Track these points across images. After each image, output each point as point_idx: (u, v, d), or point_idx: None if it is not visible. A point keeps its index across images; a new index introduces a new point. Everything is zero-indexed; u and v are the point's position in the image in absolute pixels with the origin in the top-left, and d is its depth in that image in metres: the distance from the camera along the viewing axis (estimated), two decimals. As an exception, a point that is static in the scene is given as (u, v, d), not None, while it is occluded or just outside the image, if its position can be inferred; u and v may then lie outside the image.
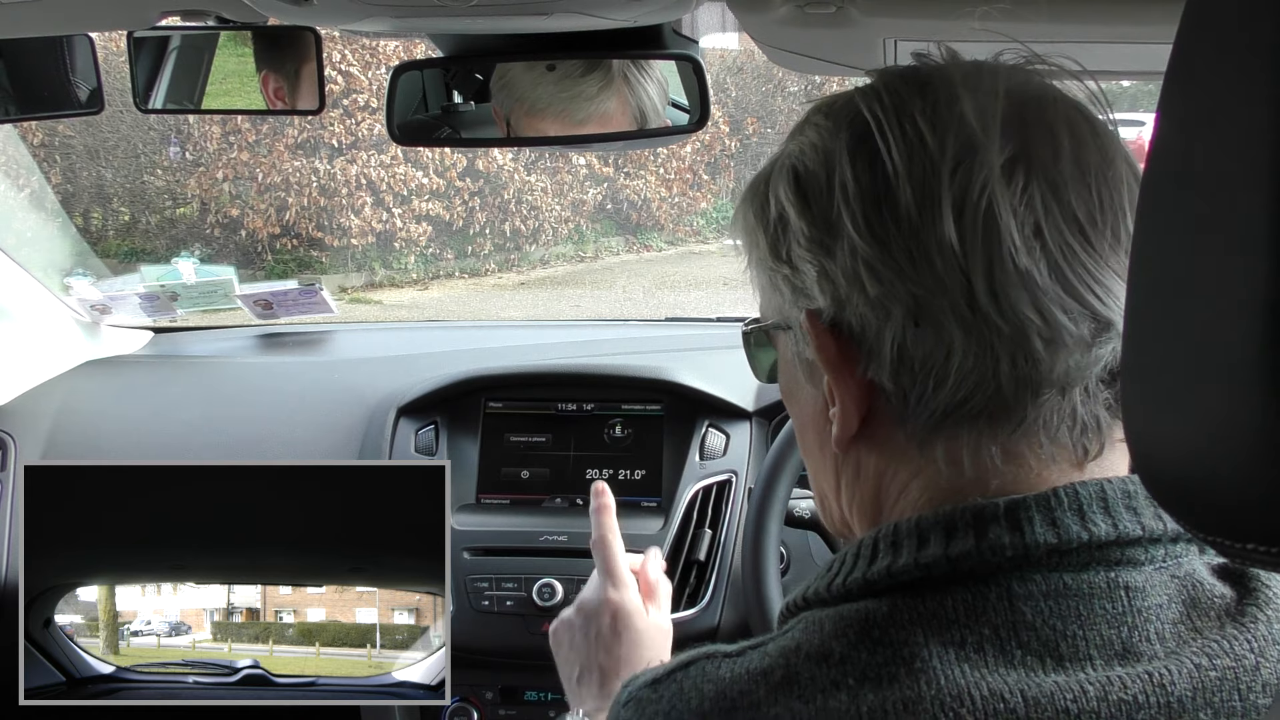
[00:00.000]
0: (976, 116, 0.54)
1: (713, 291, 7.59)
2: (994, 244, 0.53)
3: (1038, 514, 0.54)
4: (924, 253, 0.53)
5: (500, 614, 1.46)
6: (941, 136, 0.54)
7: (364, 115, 7.28)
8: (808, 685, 0.52)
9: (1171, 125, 0.39)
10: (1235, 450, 0.35)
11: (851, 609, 0.55)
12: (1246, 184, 0.34)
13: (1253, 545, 0.36)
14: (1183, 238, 0.38)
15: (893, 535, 0.56)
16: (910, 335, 0.55)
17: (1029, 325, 0.53)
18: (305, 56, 1.21)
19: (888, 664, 0.52)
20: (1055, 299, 0.53)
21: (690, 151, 8.83)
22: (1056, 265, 0.53)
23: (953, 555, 0.53)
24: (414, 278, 7.73)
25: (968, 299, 0.53)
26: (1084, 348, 0.53)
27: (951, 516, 0.55)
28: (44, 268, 1.93)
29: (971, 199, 0.53)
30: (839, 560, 0.59)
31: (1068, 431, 0.55)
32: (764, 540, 1.28)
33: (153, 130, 7.28)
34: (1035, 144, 0.54)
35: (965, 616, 0.53)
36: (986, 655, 0.52)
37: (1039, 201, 0.53)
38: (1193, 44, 0.38)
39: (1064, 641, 0.52)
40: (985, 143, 0.53)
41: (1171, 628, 0.54)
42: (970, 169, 0.53)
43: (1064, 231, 0.53)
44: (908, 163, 0.54)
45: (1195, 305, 0.37)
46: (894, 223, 0.54)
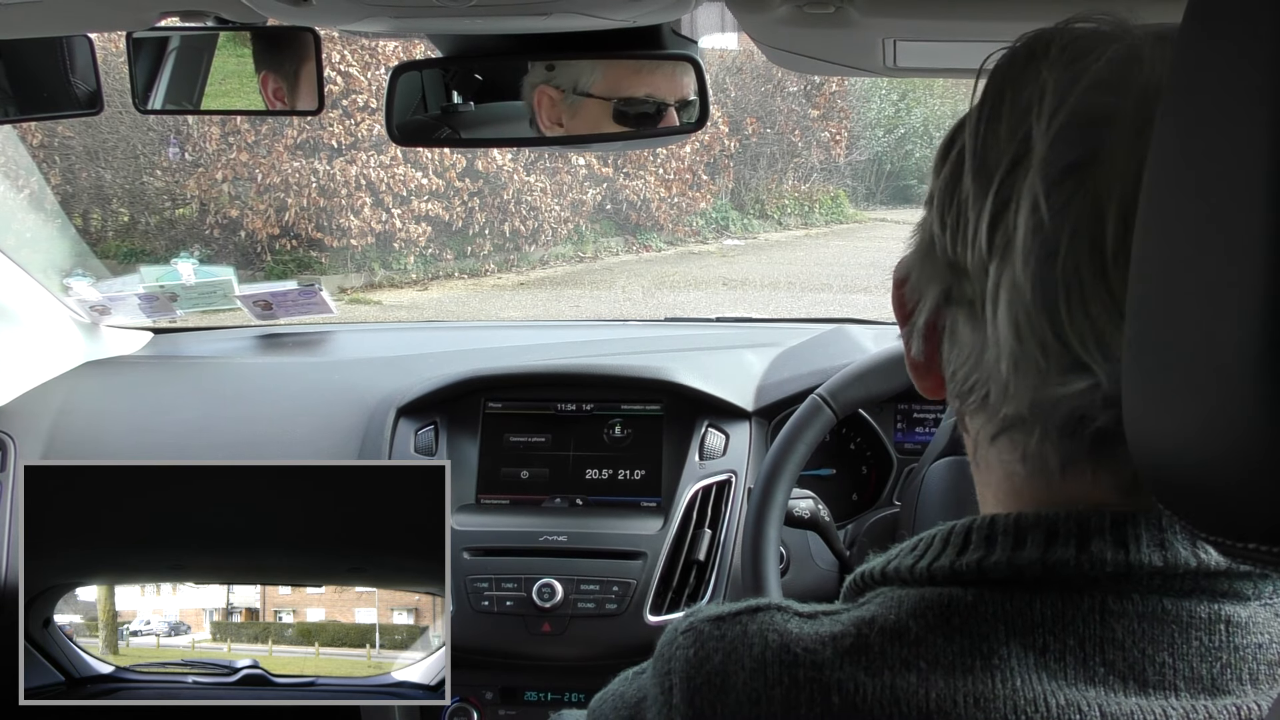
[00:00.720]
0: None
1: (712, 291, 7.60)
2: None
3: (1146, 533, 0.51)
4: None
5: (500, 614, 1.46)
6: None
7: (363, 116, 7.29)
8: (877, 658, 0.51)
9: (1172, 125, 0.39)
10: (1236, 450, 0.35)
11: (934, 593, 0.53)
12: (1247, 184, 0.34)
13: (1254, 545, 0.36)
14: (1183, 238, 0.38)
15: (988, 529, 0.54)
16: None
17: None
18: (304, 57, 1.22)
19: (964, 654, 0.50)
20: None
21: (689, 152, 8.83)
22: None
23: (1050, 562, 0.51)
24: (413, 278, 7.73)
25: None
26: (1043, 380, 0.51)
27: (1054, 521, 0.52)
28: (43, 268, 1.93)
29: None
30: (925, 541, 0.56)
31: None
32: (763, 540, 1.28)
33: (152, 131, 7.28)
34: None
35: (1052, 623, 0.50)
36: (1067, 666, 0.50)
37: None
38: (1193, 44, 0.38)
39: (1151, 667, 0.50)
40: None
41: (1267, 669, 0.51)
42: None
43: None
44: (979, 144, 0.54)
45: (1195, 305, 0.37)
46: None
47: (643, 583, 1.44)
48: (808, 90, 9.78)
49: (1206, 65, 0.37)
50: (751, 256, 8.87)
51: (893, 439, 1.59)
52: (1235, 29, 0.35)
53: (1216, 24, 0.37)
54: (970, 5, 0.93)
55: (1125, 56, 0.50)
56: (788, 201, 9.97)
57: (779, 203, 9.94)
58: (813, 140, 9.98)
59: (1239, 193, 0.34)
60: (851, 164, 10.41)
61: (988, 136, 0.53)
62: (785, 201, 9.96)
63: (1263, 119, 0.34)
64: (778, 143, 9.77)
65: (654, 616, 1.43)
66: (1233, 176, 0.35)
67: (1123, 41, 0.51)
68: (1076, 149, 0.49)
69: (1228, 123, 0.35)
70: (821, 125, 10.03)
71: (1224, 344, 0.35)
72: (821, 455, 1.57)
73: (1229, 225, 0.35)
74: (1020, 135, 0.51)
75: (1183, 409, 0.37)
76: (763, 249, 9.16)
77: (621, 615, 1.43)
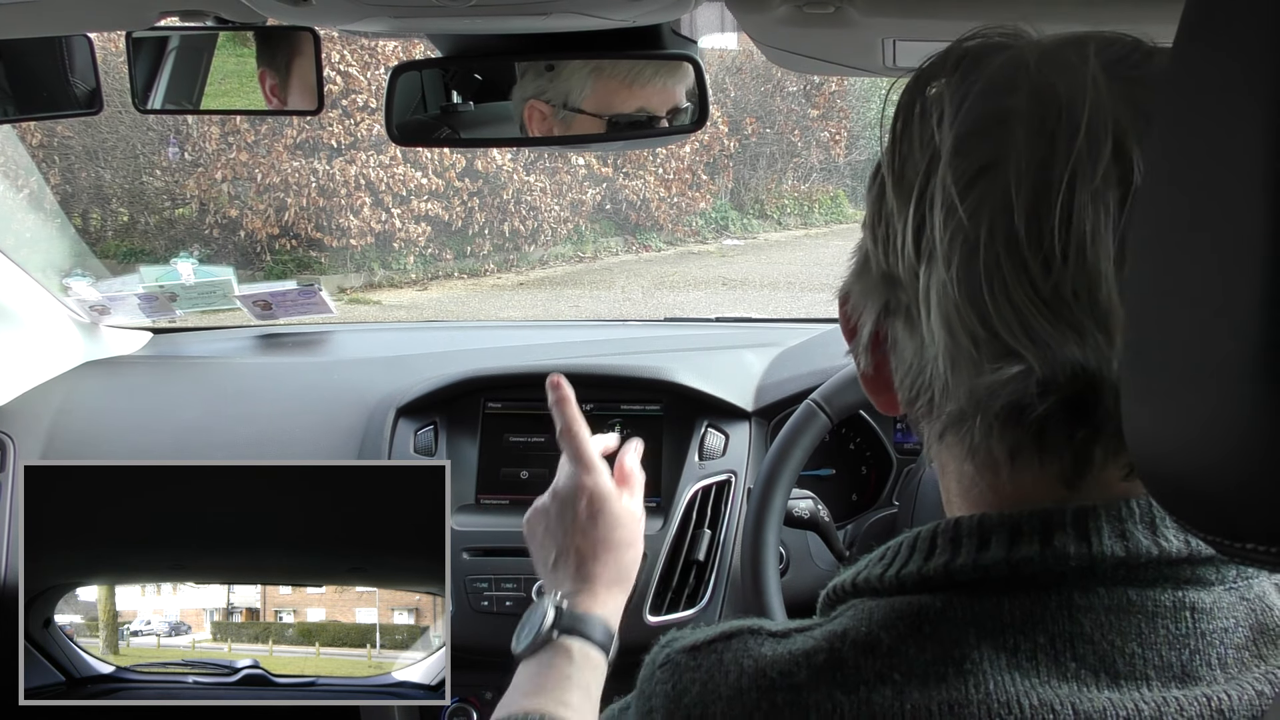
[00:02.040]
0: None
1: (711, 291, 7.60)
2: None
3: (1107, 524, 0.52)
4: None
5: (500, 614, 1.46)
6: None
7: (363, 116, 7.28)
8: (852, 674, 0.51)
9: (1170, 125, 0.39)
10: (1234, 450, 0.35)
11: (904, 602, 0.54)
12: (1244, 184, 0.34)
13: (1252, 545, 0.36)
14: (1181, 238, 0.38)
15: (953, 532, 0.55)
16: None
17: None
18: (304, 57, 1.22)
19: (936, 662, 0.51)
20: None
21: (689, 152, 8.83)
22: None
23: (1015, 560, 0.52)
24: (413, 278, 7.73)
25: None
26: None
27: (1017, 519, 0.53)
28: (43, 268, 1.93)
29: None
30: (893, 550, 0.57)
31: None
32: (763, 540, 1.28)
33: (151, 131, 7.28)
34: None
35: (1021, 622, 0.51)
36: (1039, 664, 0.50)
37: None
38: (1191, 45, 0.38)
39: (1121, 658, 0.50)
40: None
41: (1235, 653, 0.52)
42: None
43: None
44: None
45: (1193, 305, 0.37)
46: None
47: (642, 583, 1.44)
48: (807, 90, 9.78)
49: (1202, 67, 0.37)
50: (751, 256, 8.87)
51: (892, 439, 1.59)
52: (1232, 31, 0.36)
53: (1213, 26, 0.37)
54: (970, 5, 0.93)
55: (1012, 61, 0.54)
56: (787, 201, 9.97)
57: (778, 203, 9.94)
58: (812, 140, 9.98)
59: (1236, 195, 0.34)
60: (851, 164, 10.40)
61: (902, 152, 0.55)
62: (785, 201, 9.96)
63: (1259, 120, 0.34)
64: (777, 143, 9.77)
65: (653, 617, 1.43)
66: (1229, 178, 0.35)
67: (1010, 49, 0.54)
68: (980, 152, 0.52)
69: (1224, 124, 0.36)
70: (821, 125, 10.03)
71: (1221, 345, 0.35)
72: (821, 455, 1.57)
73: (1226, 227, 0.35)
74: (929, 146, 0.54)
75: (1180, 410, 0.37)
76: (762, 249, 9.16)
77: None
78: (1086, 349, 0.50)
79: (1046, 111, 0.51)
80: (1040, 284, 0.50)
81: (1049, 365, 0.50)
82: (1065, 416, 0.51)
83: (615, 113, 1.20)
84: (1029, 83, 0.52)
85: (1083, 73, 0.51)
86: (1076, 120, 0.50)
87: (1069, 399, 0.51)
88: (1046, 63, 0.53)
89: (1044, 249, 0.50)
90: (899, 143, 0.56)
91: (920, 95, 0.56)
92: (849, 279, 0.61)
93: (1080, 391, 0.51)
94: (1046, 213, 0.50)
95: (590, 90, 1.19)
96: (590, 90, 1.19)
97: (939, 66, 0.56)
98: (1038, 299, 0.50)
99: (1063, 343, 0.50)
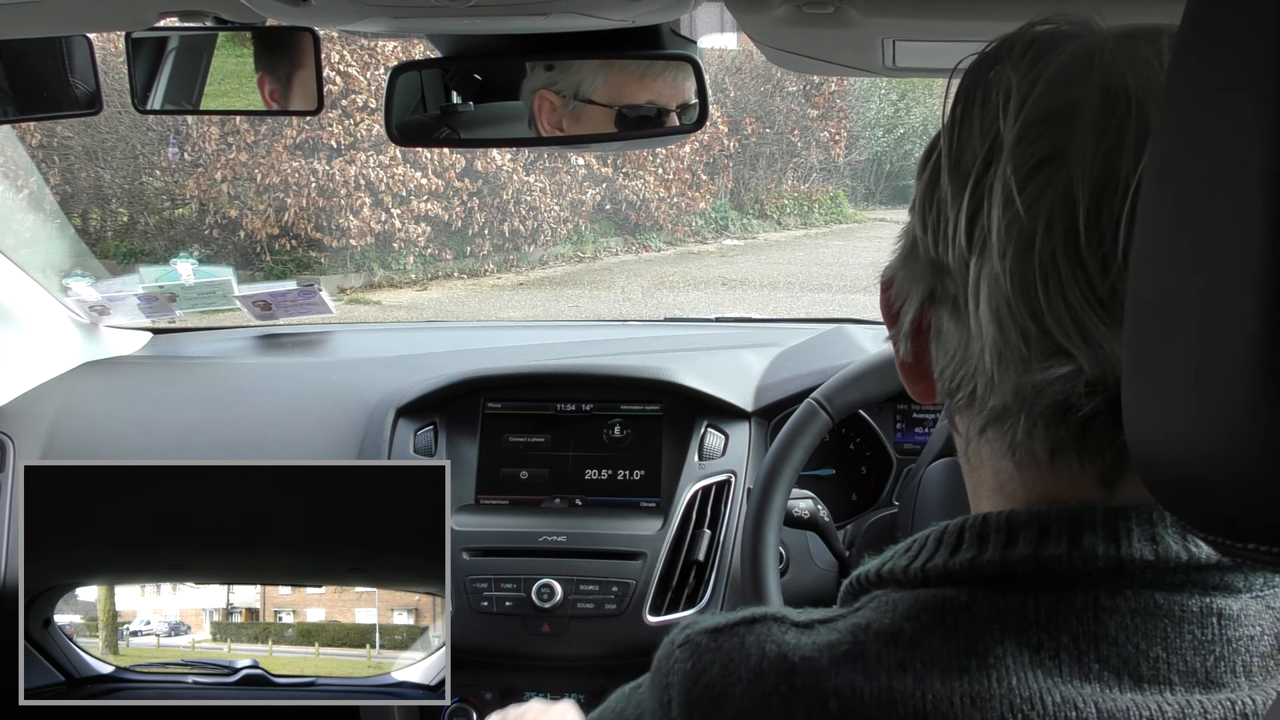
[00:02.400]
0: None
1: (711, 291, 7.60)
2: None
3: (1137, 526, 0.51)
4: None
5: (499, 614, 1.46)
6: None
7: (362, 116, 7.29)
8: (873, 662, 0.51)
9: (1171, 124, 0.39)
10: (1235, 450, 0.35)
11: (928, 594, 0.53)
12: (1244, 183, 0.34)
13: (1253, 545, 0.36)
14: (1182, 237, 0.38)
15: (980, 527, 0.54)
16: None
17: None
18: (303, 57, 1.22)
19: (959, 655, 0.50)
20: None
21: (689, 152, 8.84)
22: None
23: (1042, 558, 0.51)
24: (413, 278, 7.73)
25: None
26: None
27: (1046, 517, 0.52)
28: (42, 269, 1.93)
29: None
30: (919, 542, 0.56)
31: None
32: (763, 540, 1.28)
33: (151, 131, 7.29)
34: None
35: (1046, 620, 0.51)
36: (1062, 663, 0.50)
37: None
38: (1193, 43, 0.38)
39: (1145, 662, 0.50)
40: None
41: (1260, 660, 0.51)
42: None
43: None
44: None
45: (1195, 305, 0.37)
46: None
47: (642, 583, 1.44)
48: (807, 90, 9.78)
49: (1205, 64, 0.37)
50: (751, 256, 8.87)
51: (892, 439, 1.59)
52: (1234, 29, 0.36)
53: (1215, 24, 0.37)
54: (969, 5, 0.93)
55: (1083, 51, 0.52)
56: (787, 201, 9.97)
57: (778, 203, 9.95)
58: (812, 140, 9.98)
59: (1236, 194, 0.34)
60: (851, 164, 10.41)
61: (961, 137, 0.54)
62: (784, 201, 9.96)
63: (1262, 118, 0.34)
64: (777, 143, 9.77)
65: (653, 617, 1.43)
66: (1230, 177, 0.35)
67: (1080, 39, 0.53)
68: (1044, 143, 0.50)
69: (1226, 122, 0.35)
70: (821, 125, 10.04)
71: (1223, 344, 0.35)
72: (821, 455, 1.57)
73: (1228, 224, 0.35)
74: (991, 134, 0.52)
75: (1182, 409, 0.37)
76: (762, 249, 9.17)
77: (621, 616, 1.43)
78: None
79: (1115, 106, 0.50)
80: (1098, 283, 0.49)
81: (1099, 365, 0.49)
82: (1109, 417, 0.50)
83: (626, 104, 1.20)
84: (1100, 75, 0.51)
85: (1155, 67, 0.50)
86: (1146, 116, 0.49)
87: (1114, 399, 0.51)
88: (1118, 55, 0.51)
89: (1104, 248, 0.48)
90: (958, 127, 0.54)
91: (983, 80, 0.54)
92: (893, 263, 0.60)
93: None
94: (1109, 210, 0.49)
95: (602, 81, 1.19)
96: (602, 81, 1.19)
97: (1003, 52, 0.54)
98: (1094, 298, 0.49)
99: (1115, 344, 0.49)
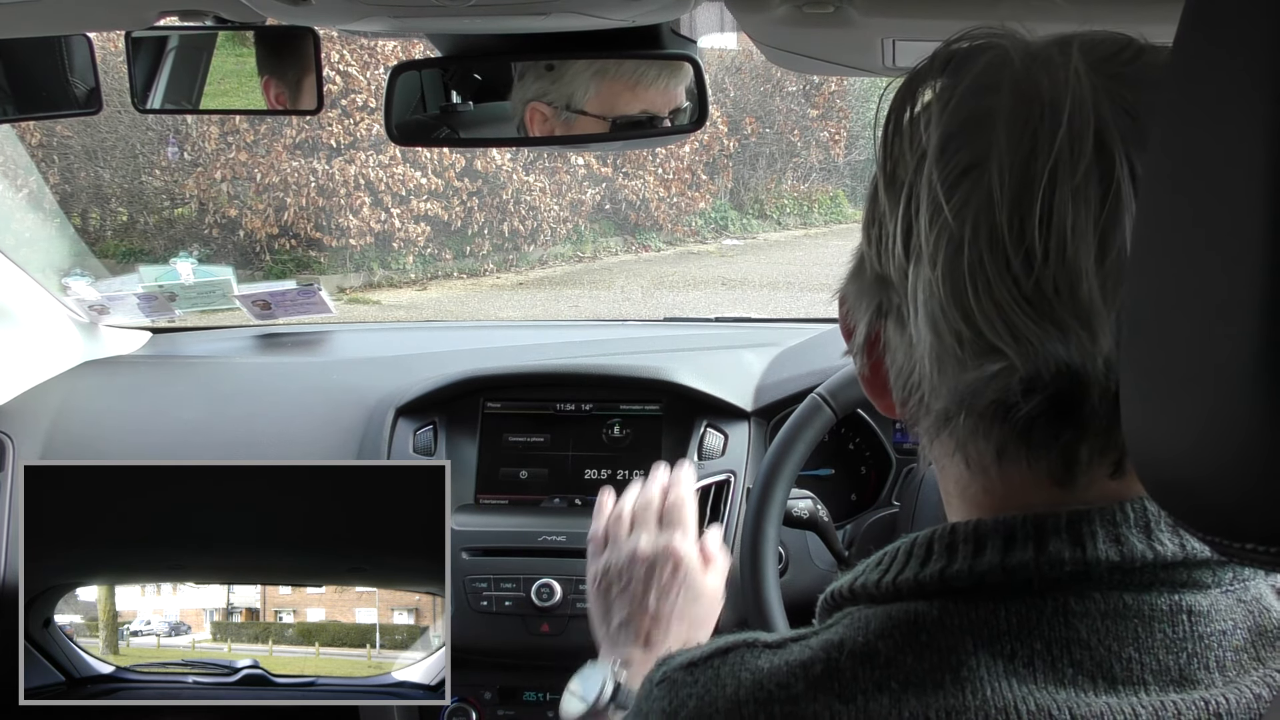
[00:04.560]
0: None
1: (711, 291, 7.60)
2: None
3: (1101, 528, 0.52)
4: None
5: (499, 614, 1.46)
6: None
7: (362, 115, 7.28)
8: (849, 684, 0.51)
9: (1170, 126, 0.39)
10: (1233, 450, 0.35)
11: (900, 609, 0.54)
12: (1244, 184, 0.34)
13: (1251, 545, 0.36)
14: (1180, 238, 0.38)
15: (949, 538, 0.55)
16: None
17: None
18: (303, 57, 1.22)
19: (933, 670, 0.51)
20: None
21: (689, 151, 8.84)
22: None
23: (1010, 566, 0.52)
24: (412, 278, 7.73)
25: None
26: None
27: (1011, 525, 0.53)
28: (42, 268, 1.93)
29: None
30: (890, 555, 0.57)
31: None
32: (762, 540, 1.28)
33: (151, 130, 7.28)
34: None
35: (1018, 629, 0.51)
36: (1036, 671, 0.50)
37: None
38: (1192, 44, 0.38)
39: (1118, 663, 0.50)
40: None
41: (1234, 655, 0.52)
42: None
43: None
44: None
45: (1193, 305, 0.37)
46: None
47: (642, 582, 1.44)
48: (807, 90, 9.78)
49: (1202, 65, 0.37)
50: (751, 256, 8.87)
51: (891, 439, 1.59)
52: (1232, 32, 0.36)
53: (1213, 27, 0.37)
54: (969, 5, 0.93)
55: (996, 60, 0.54)
56: (787, 201, 9.97)
57: (778, 203, 9.94)
58: (812, 140, 9.98)
59: (1236, 194, 0.34)
60: (851, 164, 10.40)
61: (894, 153, 0.56)
62: (784, 201, 9.96)
63: (1260, 119, 0.34)
64: (777, 143, 9.77)
65: (653, 616, 1.43)
66: (1229, 177, 0.35)
67: (995, 48, 0.54)
68: (966, 152, 0.52)
69: (1224, 123, 0.35)
70: (820, 125, 10.03)
71: (1221, 346, 0.35)
72: (820, 455, 1.56)
73: (1226, 226, 0.35)
74: (918, 146, 0.54)
75: (1180, 411, 0.37)
76: (762, 249, 9.16)
77: (621, 615, 1.43)
78: (1070, 346, 0.50)
79: (1029, 109, 0.51)
80: (1023, 281, 0.50)
81: (1032, 362, 0.51)
82: (1051, 416, 0.52)
83: (618, 114, 1.20)
84: (1012, 81, 0.52)
85: (1065, 70, 0.51)
86: (1058, 117, 0.50)
87: (1054, 397, 0.51)
88: (1030, 61, 0.53)
89: (1026, 246, 0.50)
90: (890, 145, 0.56)
91: (910, 98, 0.56)
92: (846, 280, 0.62)
93: (1065, 389, 0.51)
94: (1028, 210, 0.50)
95: (594, 92, 1.19)
96: (594, 92, 1.19)
97: (927, 69, 0.56)
98: (1020, 296, 0.50)
99: (1045, 339, 0.50)
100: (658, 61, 1.19)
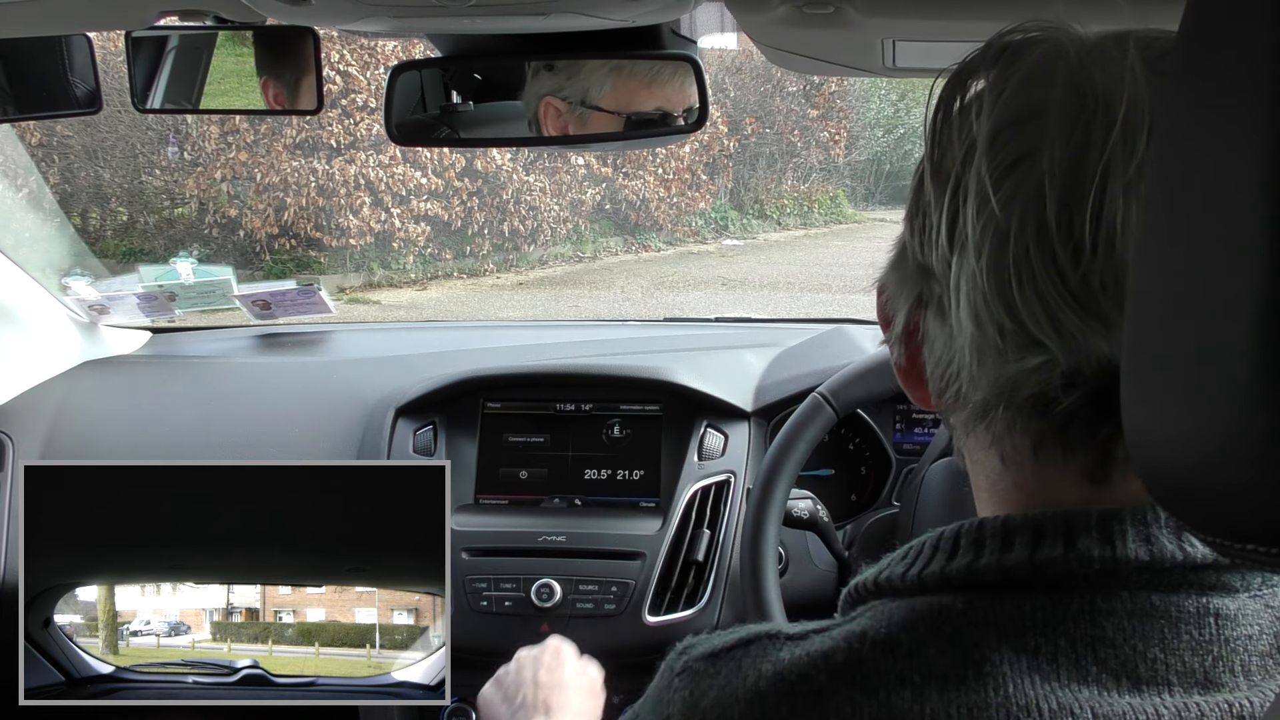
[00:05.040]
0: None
1: (711, 292, 7.60)
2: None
3: (1132, 528, 0.51)
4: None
5: (499, 614, 1.46)
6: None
7: (362, 115, 7.29)
8: (871, 675, 0.51)
9: (1172, 125, 0.39)
10: (1234, 451, 0.35)
11: (924, 602, 0.54)
12: (1245, 184, 0.34)
13: (1252, 546, 0.36)
14: (1183, 238, 0.38)
15: (976, 533, 0.54)
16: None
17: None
18: (303, 57, 1.22)
19: (956, 664, 0.50)
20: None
21: (689, 152, 8.84)
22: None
23: (1038, 561, 0.52)
24: (412, 278, 7.73)
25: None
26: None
27: (1041, 521, 0.53)
28: (42, 268, 1.93)
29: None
30: (915, 549, 0.57)
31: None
32: (762, 540, 1.28)
33: (151, 130, 7.29)
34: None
35: (1042, 625, 0.51)
36: (1060, 668, 0.50)
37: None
38: (1193, 44, 0.38)
39: (1143, 663, 0.50)
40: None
41: (1259, 660, 0.51)
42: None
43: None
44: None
45: (1194, 305, 0.37)
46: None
47: (641, 583, 1.44)
48: (807, 90, 9.79)
49: (1203, 67, 0.37)
50: (751, 257, 8.87)
51: (891, 439, 1.59)
52: (1235, 30, 0.36)
53: (1216, 25, 0.37)
54: (969, 5, 0.93)
55: (1051, 54, 0.53)
56: (787, 201, 9.98)
57: (778, 203, 9.95)
58: (812, 140, 9.98)
59: (1236, 194, 0.34)
60: (850, 164, 10.41)
61: (941, 143, 0.56)
62: (784, 201, 9.96)
63: (1260, 120, 0.34)
64: (777, 143, 9.78)
65: (653, 617, 1.43)
66: (1230, 177, 0.35)
67: (1050, 41, 0.54)
68: (1016, 143, 0.52)
69: (1226, 122, 0.36)
70: (821, 125, 10.04)
71: (1223, 345, 0.35)
72: (820, 455, 1.57)
73: (1226, 227, 0.35)
74: (967, 138, 0.54)
75: (1181, 410, 0.37)
76: (762, 249, 9.17)
77: (620, 616, 1.43)
78: (1113, 341, 0.50)
79: (1083, 104, 0.51)
80: (1069, 275, 0.50)
81: (1073, 357, 0.50)
82: (1090, 411, 0.51)
83: (633, 110, 1.20)
84: (1067, 75, 0.52)
85: (1121, 65, 0.51)
86: (1113, 113, 0.50)
87: (1094, 392, 0.51)
88: (1086, 55, 0.52)
89: (1074, 240, 0.50)
90: (938, 135, 0.56)
91: (960, 89, 0.56)
92: (886, 270, 0.61)
93: (1106, 385, 0.50)
94: (1078, 204, 0.50)
95: (610, 88, 1.19)
96: (610, 88, 1.19)
97: (979, 60, 0.56)
98: (1065, 290, 0.50)
99: (1088, 334, 0.50)
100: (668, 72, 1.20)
